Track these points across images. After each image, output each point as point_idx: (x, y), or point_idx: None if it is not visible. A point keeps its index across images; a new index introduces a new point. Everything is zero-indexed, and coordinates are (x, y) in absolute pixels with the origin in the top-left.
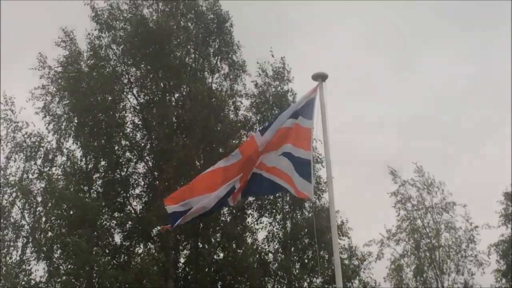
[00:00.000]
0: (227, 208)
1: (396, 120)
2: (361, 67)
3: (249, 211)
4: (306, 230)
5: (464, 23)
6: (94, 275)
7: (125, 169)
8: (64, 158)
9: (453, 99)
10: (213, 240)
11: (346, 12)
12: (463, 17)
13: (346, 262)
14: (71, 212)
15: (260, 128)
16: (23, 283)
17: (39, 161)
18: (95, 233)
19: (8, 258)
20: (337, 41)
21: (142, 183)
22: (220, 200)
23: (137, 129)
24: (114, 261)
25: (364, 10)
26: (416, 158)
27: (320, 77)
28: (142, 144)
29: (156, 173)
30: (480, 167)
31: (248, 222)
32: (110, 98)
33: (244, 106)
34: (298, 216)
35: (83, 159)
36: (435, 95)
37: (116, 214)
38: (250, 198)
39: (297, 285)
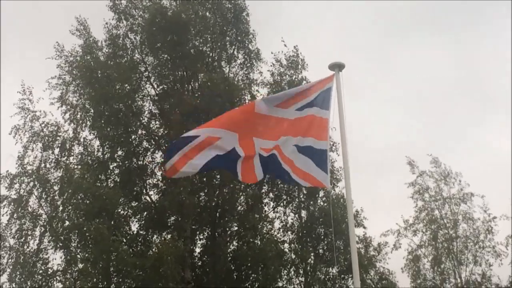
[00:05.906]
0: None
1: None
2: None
3: (266, 200)
4: (321, 219)
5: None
6: (111, 263)
7: (141, 159)
8: (81, 148)
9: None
10: (229, 230)
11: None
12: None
13: (362, 251)
14: (88, 201)
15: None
16: (40, 271)
17: (56, 151)
18: (112, 222)
19: (25, 247)
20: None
21: (159, 172)
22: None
23: (154, 118)
24: (131, 250)
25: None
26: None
27: (337, 67)
28: (160, 134)
29: None
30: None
31: (265, 211)
32: (128, 87)
33: (261, 94)
34: (312, 205)
35: (100, 149)
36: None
37: (133, 203)
38: (265, 188)
39: (313, 275)
